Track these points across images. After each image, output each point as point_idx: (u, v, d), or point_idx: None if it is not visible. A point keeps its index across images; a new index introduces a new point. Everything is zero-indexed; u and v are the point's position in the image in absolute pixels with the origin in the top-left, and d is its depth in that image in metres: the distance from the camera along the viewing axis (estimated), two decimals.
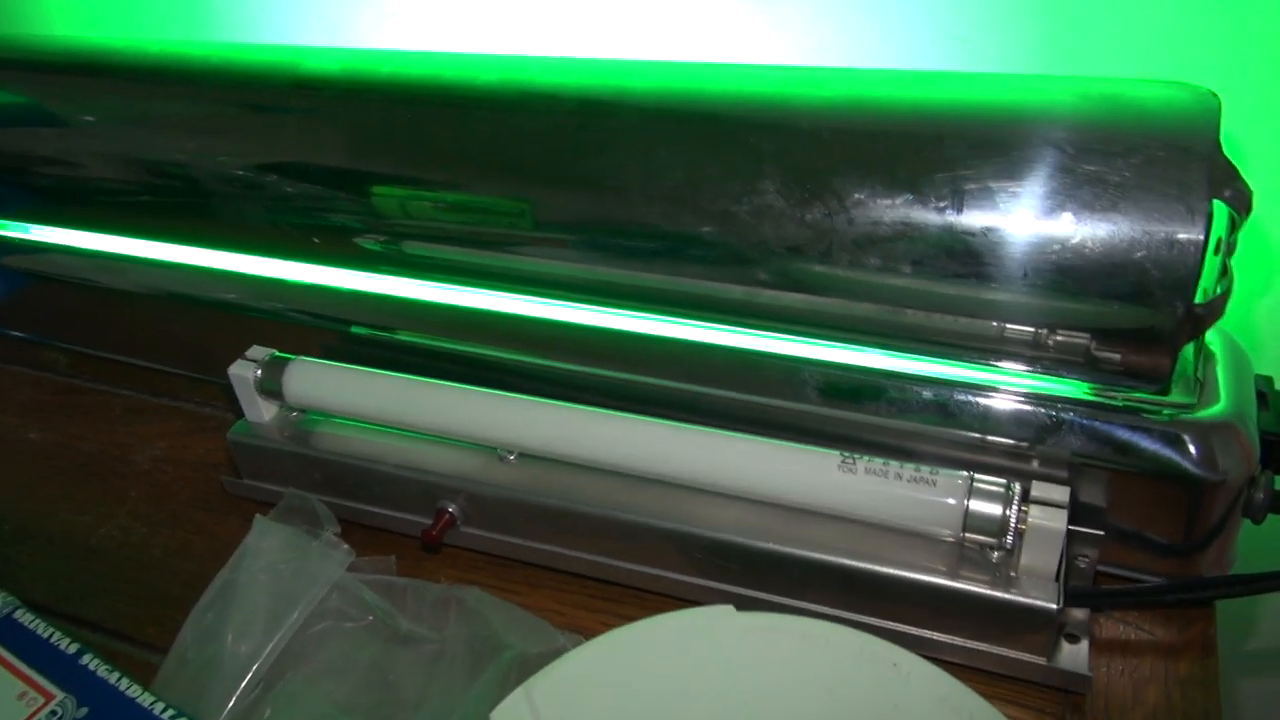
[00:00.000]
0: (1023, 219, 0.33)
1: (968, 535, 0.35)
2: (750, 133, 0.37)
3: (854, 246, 0.36)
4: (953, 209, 0.34)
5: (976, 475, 0.35)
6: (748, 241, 0.37)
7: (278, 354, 0.45)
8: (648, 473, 0.39)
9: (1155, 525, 0.38)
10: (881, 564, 0.36)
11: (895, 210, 0.35)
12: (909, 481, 0.35)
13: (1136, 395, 0.37)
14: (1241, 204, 0.32)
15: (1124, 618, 0.39)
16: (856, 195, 0.35)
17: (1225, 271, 0.34)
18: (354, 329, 0.49)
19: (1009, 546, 0.35)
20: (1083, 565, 0.38)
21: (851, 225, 0.36)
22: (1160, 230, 0.32)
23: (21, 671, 0.36)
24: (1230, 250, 0.35)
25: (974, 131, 0.34)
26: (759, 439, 0.38)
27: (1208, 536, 0.37)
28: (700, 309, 0.41)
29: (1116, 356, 0.35)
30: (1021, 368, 0.37)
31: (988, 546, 0.36)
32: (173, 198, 0.51)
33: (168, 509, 0.49)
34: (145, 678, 0.37)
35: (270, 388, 0.45)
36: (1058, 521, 0.33)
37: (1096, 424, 0.36)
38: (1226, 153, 0.32)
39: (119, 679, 0.35)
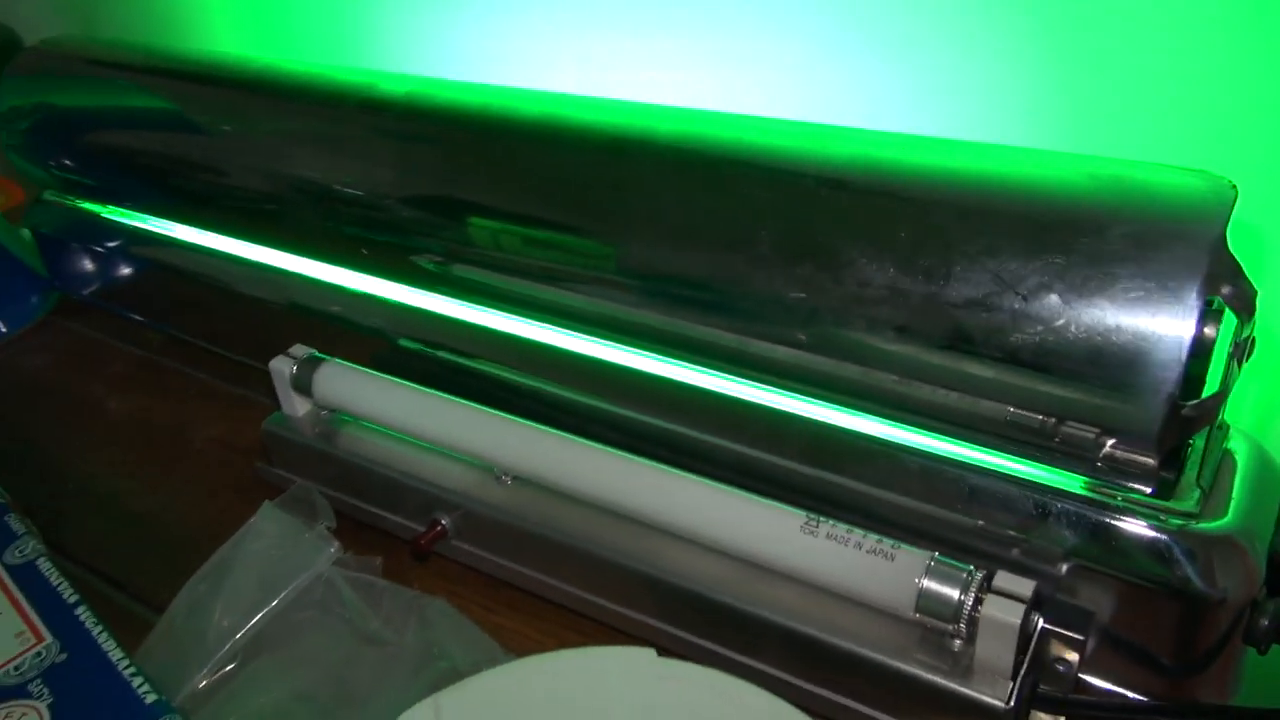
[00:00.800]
0: (1009, 296, 0.32)
1: (920, 616, 0.34)
2: (756, 184, 0.37)
3: (840, 305, 0.35)
4: (940, 278, 0.33)
5: (938, 556, 0.34)
6: (742, 290, 0.37)
7: (315, 354, 0.48)
8: (624, 507, 0.40)
9: (1146, 639, 0.35)
10: (833, 634, 0.35)
11: (882, 274, 0.34)
12: (867, 552, 0.34)
13: (1135, 498, 0.34)
14: (1242, 303, 0.30)
15: None
16: (846, 255, 0.35)
17: (1228, 375, 0.31)
18: (402, 342, 0.52)
19: (963, 635, 0.33)
20: (1061, 669, 0.36)
21: (839, 284, 0.35)
22: (1146, 322, 0.30)
23: (26, 614, 0.39)
24: (1241, 353, 0.32)
25: (968, 202, 0.34)
26: (730, 489, 0.38)
27: (1203, 659, 0.35)
28: (701, 355, 0.41)
29: (1102, 450, 0.33)
30: (1017, 453, 0.36)
31: (947, 633, 0.34)
32: (263, 205, 0.55)
33: (208, 487, 0.52)
34: (140, 636, 0.40)
35: (303, 385, 0.47)
36: (1013, 615, 0.32)
37: (1086, 519, 0.34)
38: (1232, 248, 0.30)
39: (100, 633, 0.37)
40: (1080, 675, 0.36)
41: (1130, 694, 0.36)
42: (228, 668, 0.40)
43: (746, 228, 0.37)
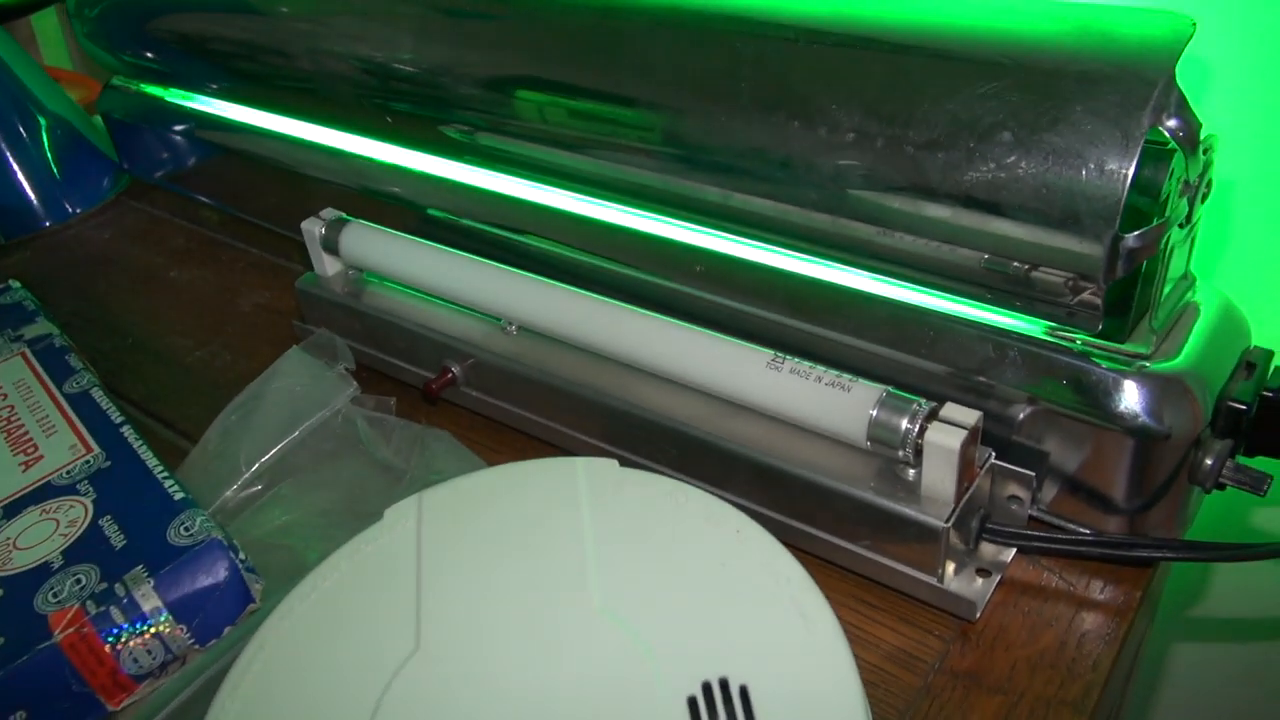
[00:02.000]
0: (964, 137, 0.33)
1: (872, 445, 0.36)
2: (733, 37, 0.39)
3: (810, 151, 0.37)
4: (900, 123, 0.35)
5: (891, 389, 0.36)
6: (723, 142, 0.39)
7: (343, 215, 0.51)
8: (611, 351, 0.42)
9: (1096, 477, 0.37)
10: (794, 464, 0.37)
11: (849, 119, 0.36)
12: (826, 385, 0.36)
13: (1092, 340, 0.36)
14: (1186, 136, 0.31)
15: (1049, 566, 0.38)
16: (817, 102, 0.36)
17: (1174, 209, 0.32)
18: (430, 210, 0.55)
19: (912, 462, 0.35)
20: (1014, 507, 0.38)
21: (810, 131, 0.37)
22: (1089, 153, 0.31)
23: (79, 430, 0.44)
24: (1194, 192, 0.33)
25: (938, 49, 0.35)
26: (705, 331, 0.40)
27: (1151, 496, 0.36)
28: (686, 210, 0.43)
29: (1056, 292, 0.34)
30: (980, 299, 0.37)
31: (899, 462, 0.36)
32: (314, 84, 0.58)
33: (251, 344, 0.57)
34: (179, 460, 0.44)
35: (330, 245, 0.51)
36: (953, 440, 0.34)
37: (1041, 361, 0.36)
38: (1180, 83, 0.31)
39: (140, 446, 0.42)
40: (1040, 514, 0.38)
41: (1083, 529, 0.37)
42: (254, 488, 0.44)
43: (728, 80, 0.39)
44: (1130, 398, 0.34)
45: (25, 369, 0.49)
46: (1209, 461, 0.35)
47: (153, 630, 0.35)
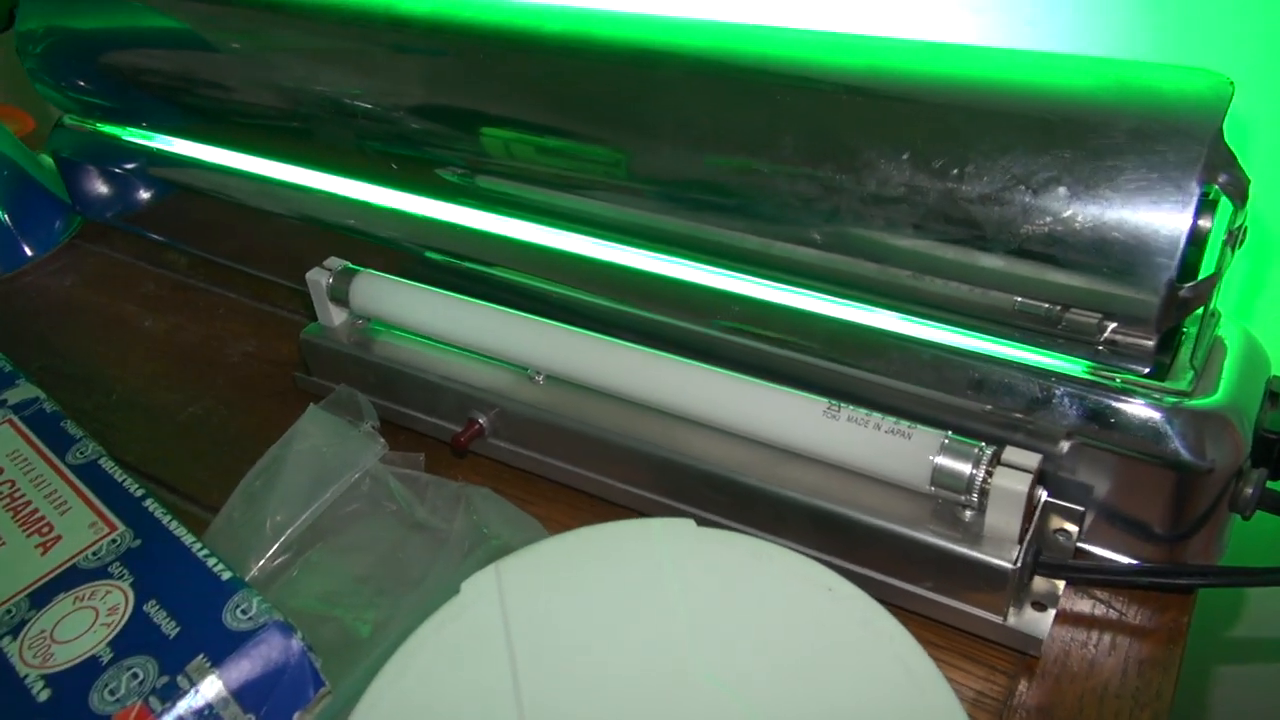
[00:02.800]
0: (1019, 190, 0.34)
1: (935, 489, 0.36)
2: (777, 91, 0.39)
3: (860, 204, 0.37)
4: (954, 176, 0.35)
5: (951, 435, 0.37)
6: (765, 193, 0.39)
7: (349, 265, 0.50)
8: (653, 401, 0.42)
9: (1140, 509, 0.38)
10: (852, 509, 0.38)
11: (900, 173, 0.36)
12: (886, 433, 0.37)
13: (1133, 379, 0.37)
14: (1237, 191, 0.32)
15: (1099, 597, 0.39)
16: (866, 156, 0.37)
17: (1222, 260, 0.34)
18: (428, 254, 0.54)
19: (975, 505, 0.36)
20: (1062, 540, 0.39)
21: (859, 185, 0.37)
22: (1147, 209, 0.32)
23: (96, 506, 0.41)
24: (1235, 240, 0.35)
25: (982, 104, 0.36)
26: (755, 380, 0.40)
27: (1192, 525, 0.38)
28: (723, 257, 0.43)
29: (1104, 334, 0.35)
30: (1022, 341, 0.38)
31: (959, 504, 0.37)
32: (285, 122, 0.56)
33: (247, 397, 0.55)
34: (199, 530, 0.42)
35: (339, 295, 0.50)
36: (1020, 484, 0.35)
37: (1089, 401, 0.37)
38: (1229, 141, 0.32)
39: (170, 520, 0.40)
40: (1079, 545, 0.40)
41: (1124, 559, 0.39)
42: (282, 557, 0.43)
43: (769, 132, 0.39)
44: (1176, 434, 0.36)
45: (17, 439, 0.46)
46: (1249, 490, 0.37)
47: (218, 717, 0.33)
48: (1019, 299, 0.36)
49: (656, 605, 0.32)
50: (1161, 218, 0.32)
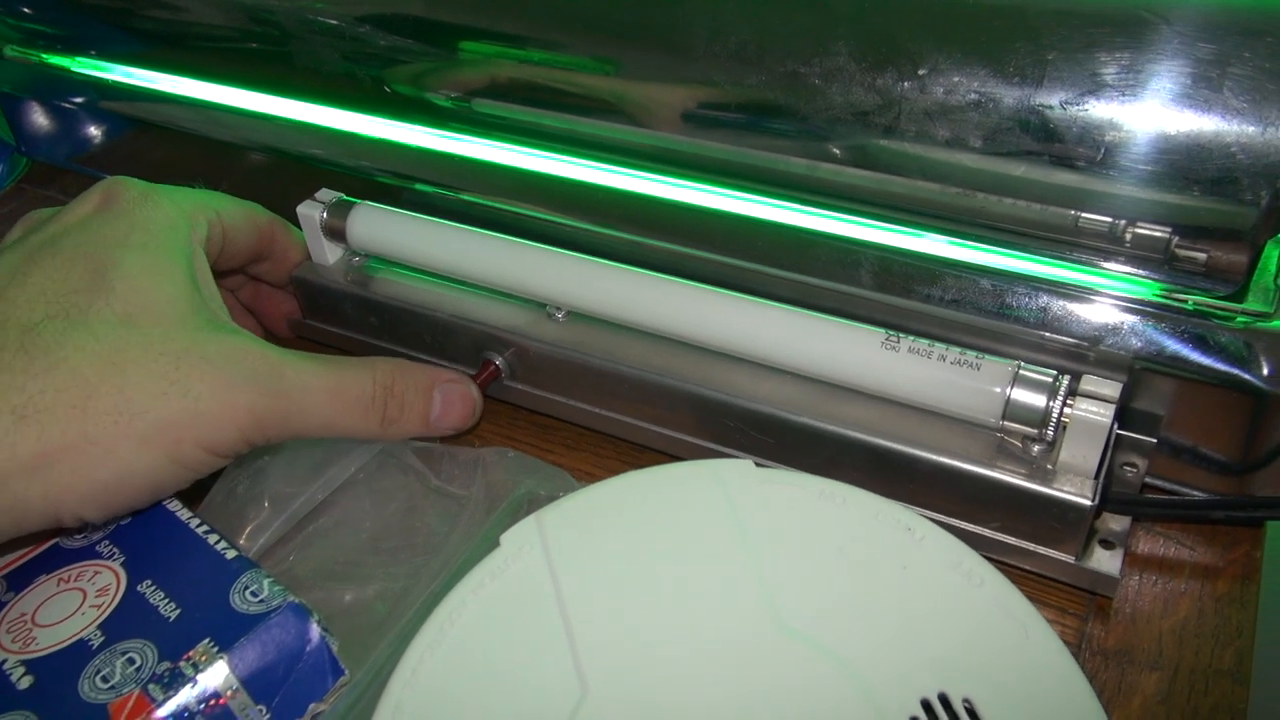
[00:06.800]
0: (1105, 96, 0.32)
1: (1007, 424, 0.34)
2: None
3: (922, 116, 0.34)
4: (1031, 81, 0.33)
5: (1024, 364, 0.34)
6: (812, 106, 0.36)
7: (344, 197, 0.46)
8: (691, 337, 0.39)
9: (1212, 440, 0.36)
10: (916, 446, 0.35)
11: (969, 79, 0.33)
12: (952, 364, 0.35)
13: (1208, 300, 0.35)
14: None
15: (1167, 532, 0.38)
16: (929, 60, 0.34)
17: None
18: (418, 185, 0.50)
19: (1049, 440, 0.34)
20: (1130, 474, 0.37)
21: (922, 93, 0.34)
22: (1252, 113, 0.30)
23: None
24: None
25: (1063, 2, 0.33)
26: (803, 311, 0.37)
27: (1268, 455, 0.36)
28: (762, 181, 0.40)
29: (1193, 249, 0.33)
30: (1092, 263, 0.36)
31: (1028, 439, 0.35)
32: (259, 44, 0.51)
33: None
34: (195, 505, 0.38)
35: (335, 230, 0.46)
36: (1104, 415, 0.32)
37: (1161, 325, 0.35)
38: None
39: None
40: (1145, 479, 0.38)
41: (1194, 492, 0.37)
42: (287, 529, 0.39)
43: (820, 37, 0.36)
44: (1261, 357, 0.34)
45: None
46: None
47: (225, 708, 0.30)
48: (1098, 217, 0.34)
49: (723, 553, 0.30)
50: (1267, 119, 0.30)
